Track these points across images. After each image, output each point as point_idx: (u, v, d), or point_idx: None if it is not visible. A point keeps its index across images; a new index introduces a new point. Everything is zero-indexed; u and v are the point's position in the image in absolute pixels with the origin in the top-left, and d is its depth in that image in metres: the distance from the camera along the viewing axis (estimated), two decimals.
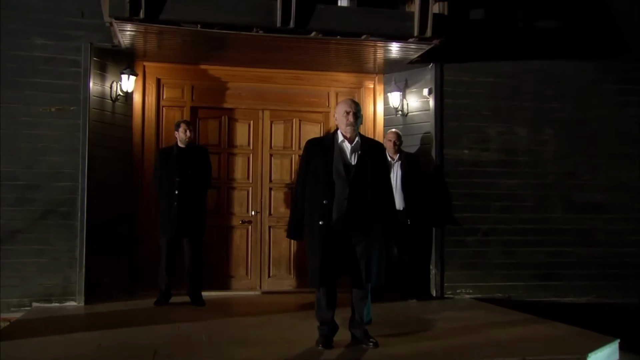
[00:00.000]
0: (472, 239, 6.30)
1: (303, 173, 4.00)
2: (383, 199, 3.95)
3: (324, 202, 3.80)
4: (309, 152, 4.00)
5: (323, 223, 3.77)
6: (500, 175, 6.35)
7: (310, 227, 3.89)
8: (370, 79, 6.73)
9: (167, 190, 5.51)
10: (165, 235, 5.57)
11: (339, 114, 3.95)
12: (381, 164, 4.06)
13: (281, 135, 6.67)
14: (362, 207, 3.82)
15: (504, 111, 6.40)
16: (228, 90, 6.54)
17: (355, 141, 3.97)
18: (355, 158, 3.92)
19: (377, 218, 3.89)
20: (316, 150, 4.00)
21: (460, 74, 6.32)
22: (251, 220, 6.52)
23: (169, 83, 6.43)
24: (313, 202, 3.89)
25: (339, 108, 4.00)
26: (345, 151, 3.96)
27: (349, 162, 3.92)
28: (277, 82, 6.57)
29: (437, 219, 6.18)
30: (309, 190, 3.95)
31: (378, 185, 3.93)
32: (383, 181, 4.01)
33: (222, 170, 6.51)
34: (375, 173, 3.92)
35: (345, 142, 3.97)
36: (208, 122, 6.55)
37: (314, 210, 3.86)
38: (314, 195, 3.91)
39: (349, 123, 3.89)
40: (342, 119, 3.93)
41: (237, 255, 6.54)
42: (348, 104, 3.97)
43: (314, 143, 4.09)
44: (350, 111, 3.89)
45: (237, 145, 6.58)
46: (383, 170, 4.06)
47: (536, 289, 6.36)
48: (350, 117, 3.89)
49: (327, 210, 3.79)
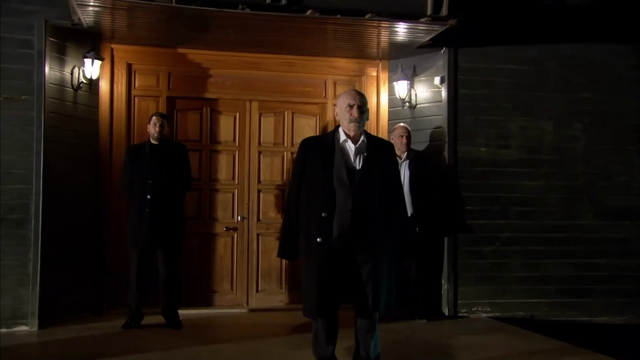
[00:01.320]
0: (489, 249, 5.86)
1: (297, 179, 3.57)
2: (394, 211, 3.53)
3: (322, 215, 3.37)
4: (304, 153, 3.55)
5: (321, 240, 3.35)
6: (522, 176, 5.94)
7: (306, 244, 3.46)
8: (373, 65, 6.30)
9: (138, 195, 5.02)
10: (136, 248, 5.07)
11: (341, 108, 3.52)
12: (392, 168, 3.61)
13: (271, 129, 6.24)
14: (368, 221, 3.40)
15: (527, 102, 5.98)
16: (210, 78, 6.08)
17: (360, 141, 3.51)
18: (360, 161, 3.47)
19: (387, 234, 3.44)
20: (313, 151, 3.54)
21: (477, 60, 5.89)
22: (237, 227, 6.09)
23: (142, 69, 5.94)
24: (309, 215, 3.46)
25: (340, 100, 3.55)
26: (349, 153, 3.50)
27: (353, 166, 3.47)
28: (266, 68, 6.14)
29: (450, 227, 5.78)
30: (305, 200, 3.50)
31: (388, 194, 3.48)
32: (394, 189, 3.56)
33: (203, 170, 6.07)
34: (384, 179, 3.47)
35: (349, 142, 3.51)
36: (187, 115, 6.09)
37: (310, 224, 3.44)
38: (311, 206, 3.45)
39: (353, 119, 3.45)
40: (344, 114, 3.50)
41: (221, 267, 6.08)
42: (352, 95, 3.52)
43: (311, 143, 3.63)
44: (354, 104, 3.47)
45: (220, 141, 6.14)
46: (394, 176, 3.61)
47: (563, 307, 5.94)
48: (354, 111, 3.46)
49: (327, 224, 3.37)
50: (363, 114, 3.50)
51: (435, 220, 5.53)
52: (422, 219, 5.36)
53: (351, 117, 3.47)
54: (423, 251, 5.44)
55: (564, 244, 5.97)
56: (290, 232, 3.57)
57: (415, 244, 4.92)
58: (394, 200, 3.56)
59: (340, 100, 3.56)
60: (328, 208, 3.39)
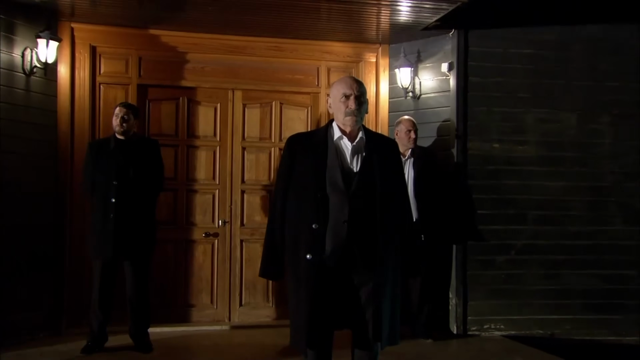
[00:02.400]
0: (503, 259, 5.54)
1: (283, 184, 3.28)
2: (399, 221, 3.25)
3: (313, 227, 3.09)
4: (291, 153, 3.26)
5: (312, 257, 3.07)
6: (541, 176, 5.61)
7: (293, 262, 3.18)
8: (372, 50, 6.01)
9: (101, 198, 4.63)
10: (99, 259, 4.66)
11: (335, 98, 3.23)
12: (396, 170, 3.32)
13: (257, 122, 5.91)
14: (368, 234, 3.12)
15: (547, 92, 5.66)
16: (188, 63, 5.72)
17: (358, 138, 3.22)
18: (358, 162, 3.20)
19: (391, 249, 3.16)
20: (302, 150, 3.25)
21: (490, 44, 5.58)
22: (218, 232, 5.75)
23: (109, 53, 5.53)
24: (297, 227, 3.18)
25: (334, 90, 3.26)
26: (344, 152, 3.21)
27: (350, 168, 3.19)
28: (251, 53, 5.83)
29: (458, 233, 5.52)
30: (292, 209, 3.21)
31: (392, 201, 3.19)
32: (399, 196, 3.29)
33: (179, 168, 5.72)
34: (387, 184, 3.19)
35: (344, 139, 3.22)
36: (161, 105, 5.72)
37: (298, 238, 3.16)
38: (299, 216, 3.16)
39: (349, 111, 3.17)
40: (339, 106, 3.21)
41: (200, 278, 5.72)
42: (348, 83, 3.23)
43: (299, 140, 3.33)
44: (350, 94, 3.18)
45: (199, 136, 5.79)
46: (399, 179, 3.34)
47: (588, 324, 5.59)
48: (351, 102, 3.17)
49: (318, 238, 3.09)
50: (361, 106, 3.20)
51: (442, 226, 5.32)
52: (427, 224, 5.10)
53: (347, 110, 3.17)
54: (428, 261, 5.11)
55: (589, 253, 5.65)
56: (275, 247, 3.26)
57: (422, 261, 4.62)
58: (399, 210, 3.25)
59: (334, 90, 3.26)
60: (320, 219, 3.10)
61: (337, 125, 3.22)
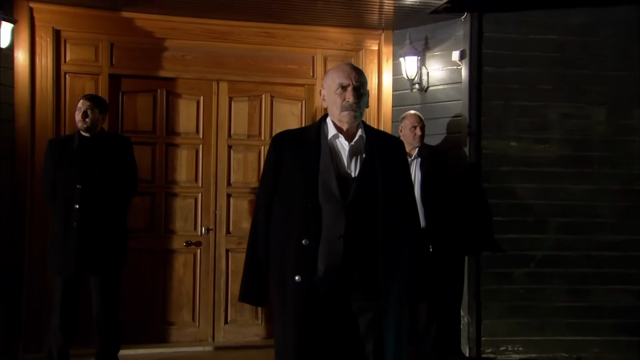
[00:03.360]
0: (522, 272, 5.20)
1: (267, 191, 3.00)
2: (406, 236, 2.96)
3: (302, 243, 2.81)
4: (277, 154, 2.97)
5: (301, 280, 2.79)
6: (565, 178, 5.29)
7: (279, 285, 2.89)
8: (374, 37, 5.73)
9: (63, 204, 4.28)
10: (60, 274, 4.28)
11: (330, 90, 2.92)
12: (402, 175, 3.04)
13: (245, 117, 5.63)
14: (369, 252, 2.82)
15: (573, 83, 5.33)
16: (166, 51, 5.37)
17: (357, 136, 2.92)
18: (356, 165, 2.91)
19: (396, 270, 2.85)
20: (290, 151, 2.96)
21: (507, 29, 5.26)
22: (200, 241, 5.42)
23: (75, 38, 5.16)
24: (284, 243, 2.89)
25: (329, 79, 2.96)
26: (341, 154, 2.91)
27: (347, 172, 2.89)
28: (238, 40, 5.53)
29: (471, 242, 5.23)
30: (278, 222, 2.92)
31: (397, 212, 2.91)
32: (406, 205, 3.01)
33: (157, 169, 5.40)
34: (392, 191, 2.90)
35: (341, 138, 2.92)
36: (137, 98, 5.39)
37: (285, 256, 2.87)
38: (287, 230, 2.88)
39: (346, 105, 2.87)
40: (334, 99, 2.90)
41: (180, 292, 5.39)
42: (344, 71, 2.92)
43: (286, 139, 3.03)
44: (348, 84, 2.86)
45: (180, 133, 5.47)
46: (405, 185, 3.05)
47: (620, 347, 5.25)
48: (348, 94, 2.87)
49: (309, 256, 2.80)
50: (361, 98, 2.89)
51: (452, 235, 5.06)
52: (436, 233, 4.83)
53: (344, 103, 2.85)
54: (438, 274, 4.84)
55: (619, 266, 5.32)
56: (257, 267, 2.96)
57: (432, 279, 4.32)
58: (406, 222, 2.97)
59: (328, 79, 2.94)
60: (311, 233, 2.81)
61: (332, 122, 2.90)
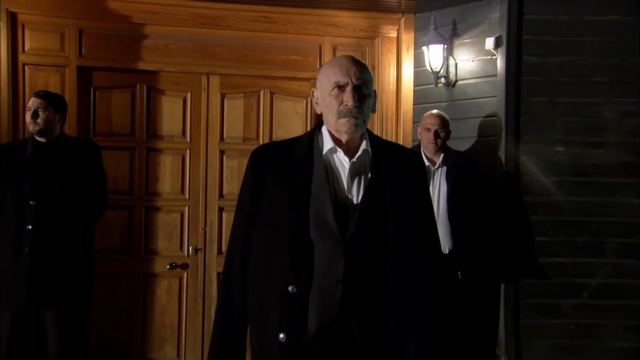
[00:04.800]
0: (571, 304, 4.64)
1: (244, 223, 2.56)
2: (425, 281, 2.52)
3: (289, 291, 2.42)
4: (257, 175, 2.54)
5: (287, 337, 2.41)
6: (625, 190, 4.72)
7: (259, 345, 2.51)
8: (392, 22, 5.27)
9: (13, 223, 3.86)
10: (8, 309, 3.87)
11: (324, 90, 2.48)
12: (420, 200, 2.58)
13: (239, 117, 5.21)
14: (374, 303, 2.44)
15: (634, 75, 4.77)
16: (146, 39, 4.94)
17: (360, 151, 2.47)
18: (360, 189, 2.44)
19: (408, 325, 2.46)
20: (274, 170, 2.53)
21: (553, 10, 4.71)
22: (187, 263, 4.98)
23: (36, 22, 4.76)
24: (266, 290, 2.49)
25: (322, 76, 2.52)
26: (339, 174, 2.45)
27: (347, 198, 2.44)
28: (232, 26, 5.09)
29: (509, 268, 4.74)
30: (258, 263, 2.49)
31: (413, 250, 2.46)
32: (425, 241, 2.53)
33: (137, 178, 5.00)
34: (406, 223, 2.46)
35: (339, 152, 2.46)
36: (112, 95, 4.97)
37: (267, 307, 2.48)
38: (268, 274, 2.47)
39: (345, 110, 2.42)
40: (329, 102, 2.46)
41: (162, 324, 4.97)
42: (342, 66, 2.47)
43: (270, 154, 2.61)
44: (346, 82, 2.42)
45: (163, 136, 5.06)
46: (423, 215, 2.58)
47: None
48: (347, 95, 2.41)
49: (297, 308, 2.42)
50: (364, 101, 2.40)
51: (485, 259, 4.62)
52: (465, 256, 4.44)
53: (342, 108, 2.39)
54: (468, 306, 4.51)
55: None
56: (231, 321, 2.53)
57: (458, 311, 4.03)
58: (425, 263, 2.50)
59: (321, 76, 2.49)
60: (299, 278, 2.39)
61: (328, 132, 2.41)
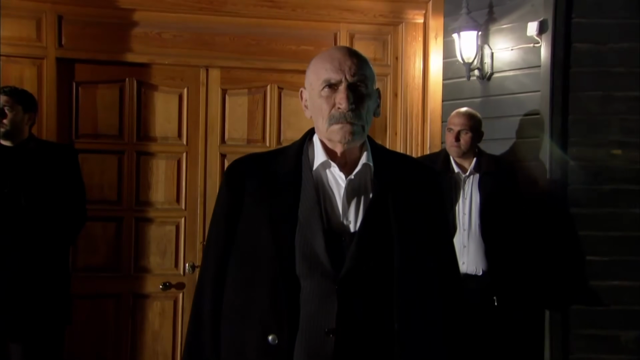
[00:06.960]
0: (632, 336, 4.21)
1: (217, 254, 2.26)
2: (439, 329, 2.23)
3: (269, 341, 2.12)
4: (233, 196, 2.23)
5: None
6: None
7: None
8: (419, 5, 4.93)
9: None
10: None
11: (313, 90, 2.16)
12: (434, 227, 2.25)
13: (243, 116, 4.90)
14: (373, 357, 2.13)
15: None
16: (136, 27, 4.64)
17: (360, 165, 2.13)
18: (358, 213, 2.14)
19: None
20: (254, 191, 2.22)
21: None
22: (183, 282, 4.69)
23: (7, 7, 4.51)
24: (241, 339, 2.19)
25: (311, 73, 2.21)
26: (333, 194, 2.14)
27: (342, 225, 2.13)
28: (234, 12, 4.78)
29: (554, 293, 4.37)
30: (232, 305, 2.20)
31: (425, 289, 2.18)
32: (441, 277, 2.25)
33: (125, 185, 4.73)
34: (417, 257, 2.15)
35: (334, 168, 2.14)
36: (97, 91, 4.69)
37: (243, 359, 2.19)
38: (245, 318, 2.18)
39: (338, 114, 2.10)
40: (319, 104, 2.13)
41: (154, 351, 4.68)
42: (334, 59, 2.15)
43: (249, 170, 2.29)
44: (339, 80, 2.08)
45: (156, 138, 4.77)
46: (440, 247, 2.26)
47: None
48: (340, 97, 2.07)
49: None
50: (362, 103, 2.09)
51: (525, 281, 4.27)
52: (502, 278, 4.11)
53: (334, 112, 2.10)
54: (506, 336, 4.14)
55: None
56: None
57: None
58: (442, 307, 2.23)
59: (310, 74, 2.20)
60: (282, 325, 2.13)
61: (320, 142, 2.11)
